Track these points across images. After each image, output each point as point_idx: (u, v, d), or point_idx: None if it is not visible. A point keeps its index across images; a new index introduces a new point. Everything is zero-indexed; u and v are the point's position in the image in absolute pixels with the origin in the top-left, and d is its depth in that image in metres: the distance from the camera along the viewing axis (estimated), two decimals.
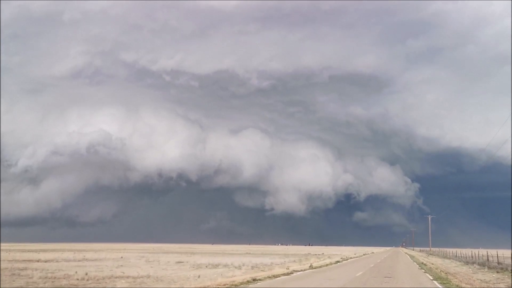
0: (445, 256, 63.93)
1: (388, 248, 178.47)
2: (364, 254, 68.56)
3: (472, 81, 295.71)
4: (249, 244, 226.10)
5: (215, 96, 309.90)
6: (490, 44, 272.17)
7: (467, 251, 64.17)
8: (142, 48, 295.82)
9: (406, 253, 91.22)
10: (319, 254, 64.47)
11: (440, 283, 21.63)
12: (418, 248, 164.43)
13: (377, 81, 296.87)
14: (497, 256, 35.67)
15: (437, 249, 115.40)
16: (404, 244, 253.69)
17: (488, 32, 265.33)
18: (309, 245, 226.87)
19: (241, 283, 19.49)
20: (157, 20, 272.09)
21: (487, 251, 44.18)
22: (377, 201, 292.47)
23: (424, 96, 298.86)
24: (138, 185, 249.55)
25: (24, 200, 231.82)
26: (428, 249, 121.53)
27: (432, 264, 41.05)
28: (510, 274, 26.11)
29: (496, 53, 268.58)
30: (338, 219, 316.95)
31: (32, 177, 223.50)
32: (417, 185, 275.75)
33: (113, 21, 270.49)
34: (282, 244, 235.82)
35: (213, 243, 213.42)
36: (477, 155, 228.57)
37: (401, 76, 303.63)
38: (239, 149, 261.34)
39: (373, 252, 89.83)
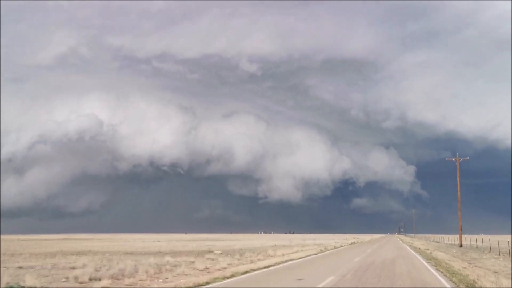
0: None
1: (377, 237, 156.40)
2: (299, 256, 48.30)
3: (469, 65, 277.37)
4: (231, 233, 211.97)
5: (206, 81, 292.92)
6: (490, 27, 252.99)
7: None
8: (128, 32, 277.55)
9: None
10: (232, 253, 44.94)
11: None
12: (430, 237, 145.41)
13: (372, 64, 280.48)
14: None
15: (451, 236, 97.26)
16: (402, 230, 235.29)
17: (488, 15, 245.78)
18: (291, 233, 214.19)
19: None
20: (144, 2, 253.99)
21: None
22: (375, 187, 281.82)
23: (421, 80, 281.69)
24: (127, 174, 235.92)
25: (7, 191, 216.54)
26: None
27: None
28: None
29: (495, 37, 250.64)
30: (335, 206, 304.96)
31: (16, 167, 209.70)
32: (413, 167, 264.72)
33: (98, 4, 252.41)
34: (265, 232, 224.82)
35: (186, 233, 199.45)
36: (473, 139, 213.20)
37: (397, 59, 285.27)
38: (231, 135, 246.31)
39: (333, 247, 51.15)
